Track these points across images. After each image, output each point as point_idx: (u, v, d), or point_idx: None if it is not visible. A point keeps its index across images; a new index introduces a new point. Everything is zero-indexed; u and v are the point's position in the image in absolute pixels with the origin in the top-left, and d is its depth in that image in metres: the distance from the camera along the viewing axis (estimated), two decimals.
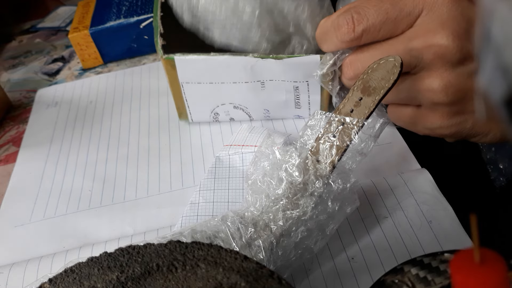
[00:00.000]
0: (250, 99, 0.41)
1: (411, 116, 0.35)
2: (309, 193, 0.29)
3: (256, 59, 0.38)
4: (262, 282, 0.22)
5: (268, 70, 0.38)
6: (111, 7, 0.59)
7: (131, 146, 0.45)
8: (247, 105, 0.42)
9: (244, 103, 0.42)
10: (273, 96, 0.41)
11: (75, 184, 0.42)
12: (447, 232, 0.32)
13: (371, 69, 0.31)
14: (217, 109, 0.43)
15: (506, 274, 0.17)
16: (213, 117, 0.44)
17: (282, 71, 0.38)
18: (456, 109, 0.32)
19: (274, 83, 0.40)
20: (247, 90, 0.40)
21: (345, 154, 0.30)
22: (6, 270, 0.34)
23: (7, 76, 0.61)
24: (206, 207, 0.35)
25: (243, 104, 0.42)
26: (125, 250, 0.25)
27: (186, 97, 0.42)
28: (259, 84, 0.40)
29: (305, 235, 0.29)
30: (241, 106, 0.42)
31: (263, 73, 0.39)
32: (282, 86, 0.40)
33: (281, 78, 0.39)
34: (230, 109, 0.43)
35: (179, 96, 0.42)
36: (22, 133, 0.50)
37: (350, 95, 0.31)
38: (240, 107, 0.42)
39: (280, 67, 0.38)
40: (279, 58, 0.37)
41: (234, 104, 0.42)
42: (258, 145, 0.38)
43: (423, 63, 0.31)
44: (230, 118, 0.44)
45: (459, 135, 0.35)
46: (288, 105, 0.42)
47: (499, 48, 0.13)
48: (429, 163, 0.37)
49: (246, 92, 0.41)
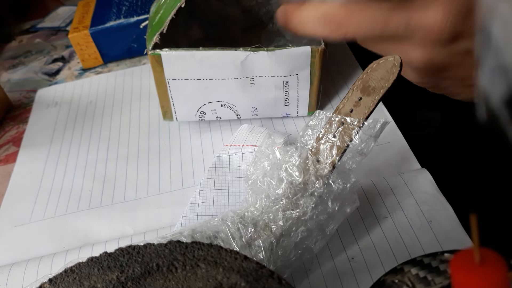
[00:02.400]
0: (239, 97, 0.41)
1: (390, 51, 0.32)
2: (309, 193, 0.29)
3: (247, 52, 0.37)
4: (262, 282, 0.22)
5: (259, 64, 0.38)
6: (111, 7, 0.59)
7: (131, 146, 0.45)
8: (235, 103, 0.42)
9: (232, 101, 0.41)
10: (262, 92, 0.41)
11: (75, 184, 0.42)
12: (447, 232, 0.32)
13: (371, 69, 0.31)
14: (203, 108, 0.42)
15: (506, 274, 0.17)
16: (199, 116, 0.43)
17: (273, 64, 0.38)
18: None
19: (263, 79, 0.39)
20: (236, 86, 0.40)
21: (345, 154, 0.30)
22: (6, 270, 0.34)
23: (7, 76, 0.61)
24: (206, 207, 0.35)
25: (231, 102, 0.42)
26: (125, 250, 0.25)
27: (171, 94, 0.41)
28: (248, 81, 0.40)
29: (305, 235, 0.29)
30: (229, 104, 0.42)
31: (254, 68, 0.39)
32: (271, 81, 0.40)
33: (271, 72, 0.39)
34: (217, 107, 0.42)
35: (164, 94, 0.41)
36: (22, 133, 0.50)
37: (349, 94, 0.31)
38: (228, 105, 0.42)
39: (272, 59, 0.38)
40: (270, 50, 0.37)
41: (222, 102, 0.42)
42: (258, 145, 0.38)
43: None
44: (217, 117, 0.43)
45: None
46: (276, 102, 0.42)
47: (499, 48, 0.13)
48: (429, 163, 0.37)
49: (235, 89, 0.40)
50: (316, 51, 0.38)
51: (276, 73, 0.39)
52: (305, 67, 0.39)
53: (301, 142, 0.31)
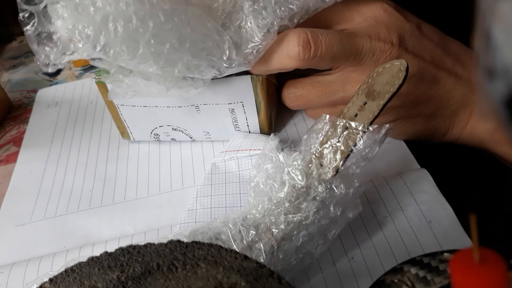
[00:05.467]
0: (188, 122, 0.40)
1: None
2: (312, 197, 0.29)
3: None
4: (262, 282, 0.22)
5: (200, 95, 0.36)
6: None
7: (131, 146, 0.45)
8: (185, 128, 0.41)
9: (182, 126, 0.41)
10: (210, 119, 0.40)
11: (76, 184, 0.42)
12: (446, 232, 0.32)
13: (376, 73, 0.31)
14: (156, 131, 0.42)
15: (506, 274, 0.17)
16: (154, 137, 0.43)
17: (215, 93, 0.37)
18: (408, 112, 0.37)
19: (208, 107, 0.38)
20: (183, 114, 0.39)
21: (349, 159, 0.29)
22: (7, 270, 0.34)
23: (7, 76, 0.61)
24: (204, 213, 0.35)
25: (181, 127, 0.41)
26: (126, 249, 0.25)
27: (124, 118, 0.41)
28: (193, 108, 0.39)
29: (306, 239, 0.29)
30: (180, 128, 0.41)
31: (196, 98, 0.38)
32: (217, 109, 0.39)
33: (214, 101, 0.38)
34: (169, 130, 0.42)
35: (117, 117, 0.41)
36: (23, 133, 0.50)
37: (354, 99, 0.31)
38: (179, 129, 0.41)
39: (213, 89, 0.37)
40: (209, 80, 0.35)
41: (173, 126, 0.41)
42: (253, 148, 0.38)
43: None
44: (171, 138, 0.43)
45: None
46: (226, 127, 0.41)
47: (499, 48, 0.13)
48: (429, 163, 0.37)
49: (182, 116, 0.39)
50: (257, 80, 0.36)
51: (219, 101, 0.38)
52: (249, 95, 0.37)
53: (304, 146, 0.31)
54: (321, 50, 0.33)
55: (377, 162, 0.38)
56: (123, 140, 0.45)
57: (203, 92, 0.36)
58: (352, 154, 0.29)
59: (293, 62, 0.34)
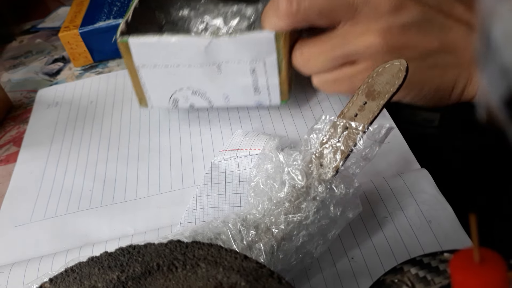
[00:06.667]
0: (208, 84, 0.40)
1: (351, 74, 0.36)
2: (312, 197, 0.29)
3: (209, 39, 0.37)
4: (262, 282, 0.22)
5: (223, 50, 0.37)
6: (103, 7, 0.59)
7: (131, 146, 0.45)
8: (205, 90, 0.41)
9: (202, 88, 0.41)
10: (231, 80, 0.40)
11: (76, 184, 0.42)
12: (446, 232, 0.32)
13: (376, 73, 0.31)
14: (175, 95, 0.41)
15: (506, 274, 0.17)
16: (173, 103, 0.42)
17: (237, 50, 0.37)
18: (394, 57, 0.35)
19: (229, 67, 0.39)
20: (203, 74, 0.39)
21: (349, 159, 0.29)
22: (7, 270, 0.34)
23: (7, 76, 0.61)
24: (203, 213, 0.35)
25: (201, 89, 0.41)
26: (126, 249, 0.25)
27: (143, 81, 0.41)
28: (215, 68, 0.39)
29: (306, 239, 0.29)
30: (200, 91, 0.41)
31: (218, 55, 0.38)
32: (238, 69, 0.39)
33: (236, 59, 0.38)
34: (188, 94, 0.41)
35: (136, 81, 0.41)
36: (23, 133, 0.50)
37: (354, 98, 0.31)
38: (199, 92, 0.41)
39: (235, 45, 0.37)
40: (232, 35, 0.37)
41: (193, 89, 0.41)
42: (253, 148, 0.38)
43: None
44: (190, 104, 0.42)
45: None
46: (247, 90, 0.41)
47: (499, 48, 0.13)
48: (429, 163, 0.37)
49: (202, 76, 0.39)
50: (281, 36, 0.36)
51: (240, 59, 0.38)
52: (271, 52, 0.37)
53: (305, 146, 0.31)
54: (304, 2, 0.33)
55: (377, 162, 0.38)
56: (123, 140, 0.45)
57: (225, 49, 0.37)
58: (352, 154, 0.29)
59: (281, 21, 0.35)
